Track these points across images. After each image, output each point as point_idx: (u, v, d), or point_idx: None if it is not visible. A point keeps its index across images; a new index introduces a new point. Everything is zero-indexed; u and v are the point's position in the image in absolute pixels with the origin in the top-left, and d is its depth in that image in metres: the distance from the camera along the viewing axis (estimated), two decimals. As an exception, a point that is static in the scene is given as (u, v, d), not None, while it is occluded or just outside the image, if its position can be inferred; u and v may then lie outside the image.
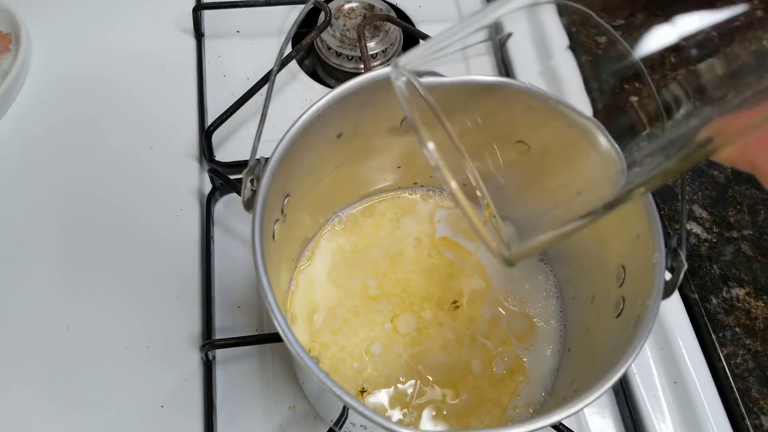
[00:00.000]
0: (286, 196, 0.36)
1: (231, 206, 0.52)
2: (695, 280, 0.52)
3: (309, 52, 0.64)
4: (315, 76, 0.61)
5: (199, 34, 0.61)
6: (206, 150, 0.52)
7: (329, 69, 0.61)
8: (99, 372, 0.44)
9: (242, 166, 0.33)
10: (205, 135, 0.52)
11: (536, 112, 0.27)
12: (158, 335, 0.45)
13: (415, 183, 0.48)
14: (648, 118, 0.22)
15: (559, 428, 0.40)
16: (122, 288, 0.47)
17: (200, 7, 0.61)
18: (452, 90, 0.26)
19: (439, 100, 0.23)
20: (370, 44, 0.59)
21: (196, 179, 0.53)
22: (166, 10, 0.62)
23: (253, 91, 0.53)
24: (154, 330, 0.46)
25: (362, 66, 0.57)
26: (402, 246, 0.46)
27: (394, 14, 0.61)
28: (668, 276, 0.33)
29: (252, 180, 0.32)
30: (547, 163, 0.26)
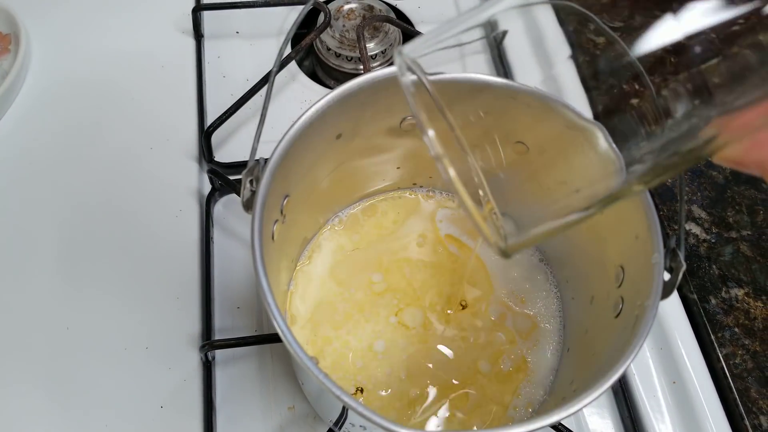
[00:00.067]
0: (286, 197, 0.36)
1: (230, 207, 0.52)
2: (694, 281, 0.52)
3: (308, 53, 0.64)
4: (314, 77, 0.61)
5: (199, 35, 0.61)
6: (206, 151, 0.52)
7: (328, 70, 0.61)
8: (98, 372, 0.44)
9: (242, 167, 0.33)
10: (205, 136, 0.52)
11: (535, 112, 0.27)
12: (158, 336, 0.46)
13: (415, 183, 0.48)
14: (647, 118, 0.22)
15: (559, 428, 0.40)
16: (122, 288, 0.47)
17: (200, 8, 0.61)
18: (452, 87, 0.26)
19: (441, 94, 0.23)
20: (370, 45, 0.59)
21: (196, 180, 0.53)
22: (166, 11, 0.62)
23: (253, 92, 0.53)
24: (154, 330, 0.46)
25: (361, 67, 0.57)
26: (406, 242, 0.46)
27: (394, 15, 0.61)
28: (667, 276, 0.33)
29: (251, 181, 0.32)
30: (546, 162, 0.26)
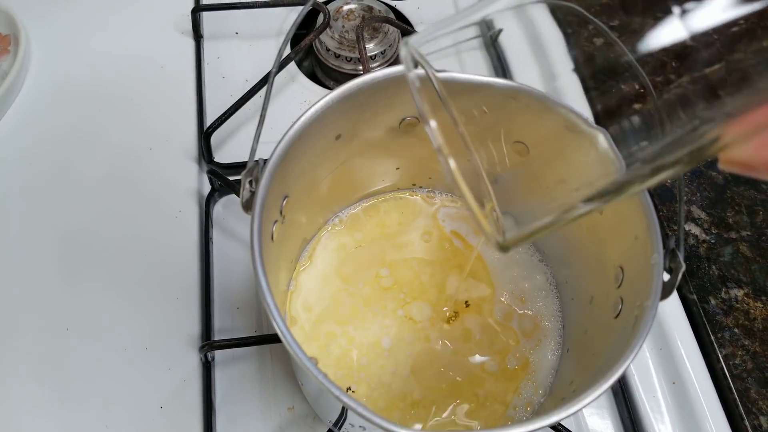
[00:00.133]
0: (285, 198, 0.36)
1: (230, 207, 0.52)
2: (694, 281, 0.52)
3: (308, 54, 0.64)
4: (314, 78, 0.61)
5: (198, 36, 0.61)
6: (205, 151, 0.52)
7: (328, 70, 0.61)
8: (98, 372, 0.44)
9: (241, 168, 0.33)
10: (204, 136, 0.52)
11: (534, 112, 0.27)
12: (157, 336, 0.45)
13: (414, 184, 0.48)
14: (647, 119, 0.22)
15: (558, 429, 0.40)
16: (121, 289, 0.47)
17: (199, 9, 0.61)
18: (453, 86, 0.26)
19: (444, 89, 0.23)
20: (369, 46, 0.59)
21: (195, 180, 0.53)
22: (165, 12, 0.62)
23: (252, 93, 0.53)
24: (154, 331, 0.46)
25: (361, 67, 0.58)
26: (411, 238, 0.47)
27: (393, 16, 0.61)
28: (666, 277, 0.33)
29: (251, 181, 0.32)
30: (545, 161, 0.26)
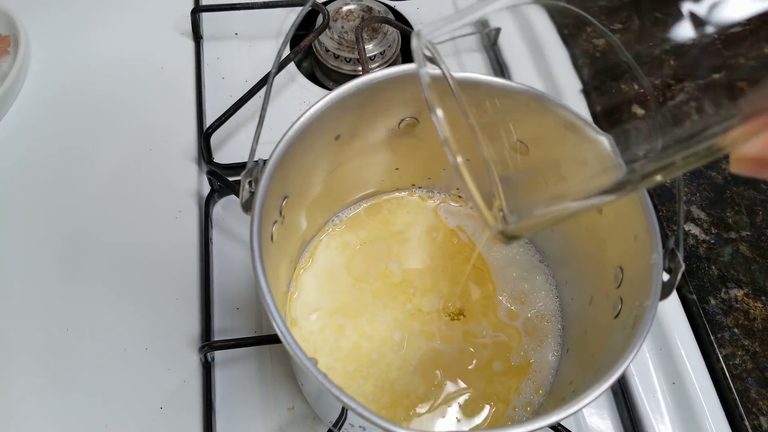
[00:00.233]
0: (285, 198, 0.36)
1: (229, 208, 0.52)
2: (694, 281, 0.52)
3: (307, 55, 0.64)
4: (313, 78, 0.61)
5: (198, 37, 0.61)
6: (205, 152, 0.52)
7: (327, 71, 0.61)
8: (98, 373, 0.44)
9: (241, 168, 0.33)
10: (204, 137, 0.52)
11: (534, 111, 0.27)
12: (157, 337, 0.45)
13: (413, 185, 0.48)
14: (647, 119, 0.22)
15: (558, 429, 0.40)
16: (121, 289, 0.47)
17: (199, 10, 0.61)
18: (461, 84, 0.26)
19: (446, 86, 0.23)
20: (368, 46, 0.59)
21: (195, 181, 0.53)
22: (165, 13, 0.62)
23: (252, 93, 0.53)
24: (154, 331, 0.46)
25: (360, 68, 0.58)
26: (417, 233, 0.47)
27: (392, 16, 0.61)
28: (666, 277, 0.33)
29: (250, 182, 0.32)
30: (545, 159, 0.26)
